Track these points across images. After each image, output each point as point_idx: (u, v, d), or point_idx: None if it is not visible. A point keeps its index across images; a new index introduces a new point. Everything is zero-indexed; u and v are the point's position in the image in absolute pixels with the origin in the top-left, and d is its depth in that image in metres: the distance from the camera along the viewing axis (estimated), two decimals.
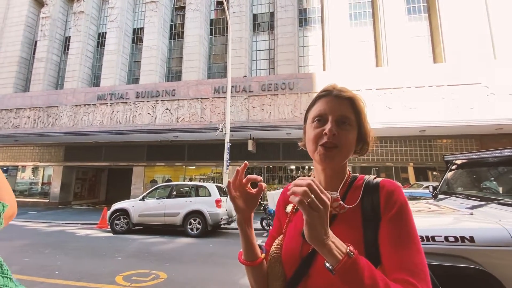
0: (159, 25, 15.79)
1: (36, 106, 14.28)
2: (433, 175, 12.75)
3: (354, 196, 0.70)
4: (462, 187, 3.13)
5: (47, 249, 6.07)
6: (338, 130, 0.67)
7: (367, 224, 0.64)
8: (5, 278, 0.69)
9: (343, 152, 0.68)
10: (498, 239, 1.69)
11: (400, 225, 0.61)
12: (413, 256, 0.57)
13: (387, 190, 0.66)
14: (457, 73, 10.39)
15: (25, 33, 17.82)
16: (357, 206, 0.67)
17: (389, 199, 0.64)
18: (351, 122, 0.69)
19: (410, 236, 0.59)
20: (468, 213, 2.25)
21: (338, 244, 0.53)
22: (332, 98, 0.70)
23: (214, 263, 5.19)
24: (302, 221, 0.73)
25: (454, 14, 12.46)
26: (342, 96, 0.70)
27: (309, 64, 14.75)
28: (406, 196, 0.66)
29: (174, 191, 8.62)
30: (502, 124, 9.90)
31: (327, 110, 0.69)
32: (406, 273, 0.55)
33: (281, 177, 14.25)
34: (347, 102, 0.69)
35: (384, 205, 0.64)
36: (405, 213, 0.62)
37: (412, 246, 0.58)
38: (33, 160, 16.55)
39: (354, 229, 0.65)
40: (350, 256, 0.51)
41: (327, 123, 0.68)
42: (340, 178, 0.73)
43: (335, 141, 0.66)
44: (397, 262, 0.57)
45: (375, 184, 0.69)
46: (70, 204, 16.41)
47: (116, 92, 13.43)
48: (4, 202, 0.88)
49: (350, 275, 0.50)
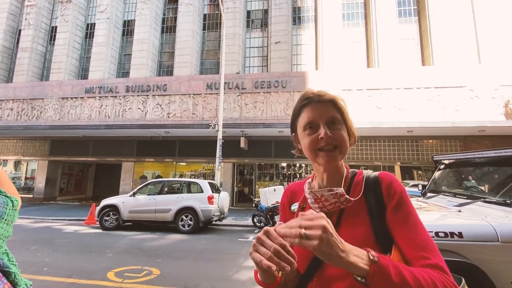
0: (150, 18, 15.46)
1: (20, 98, 13.73)
2: (419, 174, 13.19)
3: (357, 190, 0.76)
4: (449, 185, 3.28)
5: (33, 245, 5.91)
6: (332, 131, 0.71)
7: (373, 213, 0.70)
8: (11, 264, 0.80)
9: (342, 150, 0.73)
10: (485, 235, 1.80)
11: (404, 210, 0.68)
12: (421, 234, 0.65)
13: (386, 181, 0.73)
14: (444, 76, 10.75)
15: (8, 21, 17.03)
16: (361, 199, 0.73)
17: (389, 189, 0.71)
18: (339, 120, 0.74)
19: (414, 217, 0.67)
20: (456, 210, 2.37)
21: (359, 253, 0.55)
22: (316, 104, 0.74)
23: (207, 259, 5.21)
24: None
25: (442, 19, 12.85)
26: (324, 100, 0.74)
27: (302, 63, 14.85)
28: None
29: (166, 187, 8.55)
30: (485, 126, 10.34)
31: (315, 116, 0.73)
32: (418, 248, 0.62)
33: (273, 175, 14.36)
34: (330, 104, 0.74)
35: (387, 195, 0.70)
36: (405, 200, 0.69)
37: (418, 226, 0.66)
38: (16, 154, 15.94)
39: (361, 219, 0.71)
40: (375, 262, 0.53)
41: (319, 128, 0.72)
42: (340, 174, 0.78)
43: (333, 142, 0.71)
44: (410, 240, 0.64)
45: (374, 177, 0.75)
46: (55, 199, 15.94)
47: (105, 85, 13.09)
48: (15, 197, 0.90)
49: (380, 279, 0.53)
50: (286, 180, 14.01)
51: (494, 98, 10.32)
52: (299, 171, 14.27)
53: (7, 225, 0.79)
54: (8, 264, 0.79)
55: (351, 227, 0.71)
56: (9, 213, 0.80)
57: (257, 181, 14.24)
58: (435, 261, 0.59)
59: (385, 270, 0.53)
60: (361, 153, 12.99)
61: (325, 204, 0.74)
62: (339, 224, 0.73)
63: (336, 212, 0.74)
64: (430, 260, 0.59)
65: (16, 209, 0.84)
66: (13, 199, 0.85)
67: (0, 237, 0.77)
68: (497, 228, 1.80)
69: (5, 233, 0.79)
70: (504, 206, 2.16)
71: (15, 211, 0.83)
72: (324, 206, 0.74)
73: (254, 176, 14.41)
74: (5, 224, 0.79)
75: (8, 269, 0.78)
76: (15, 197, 0.88)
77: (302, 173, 14.19)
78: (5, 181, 0.91)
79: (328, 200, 0.73)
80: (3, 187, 0.88)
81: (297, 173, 14.19)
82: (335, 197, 0.72)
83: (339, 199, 0.72)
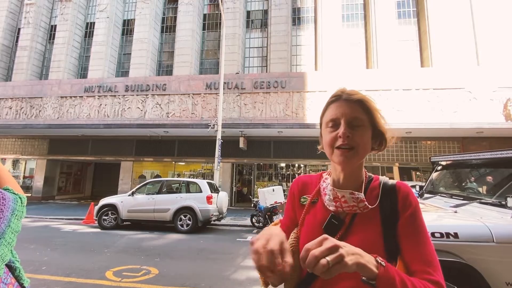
0: (150, 18, 15.45)
1: (19, 96, 13.70)
2: (417, 175, 13.23)
3: (372, 196, 0.75)
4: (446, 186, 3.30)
5: (32, 244, 5.90)
6: (352, 131, 0.71)
7: (387, 222, 0.71)
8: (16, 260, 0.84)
9: (359, 153, 0.72)
10: (480, 235, 1.82)
11: (416, 224, 0.69)
12: (427, 249, 0.67)
13: (403, 192, 0.73)
14: (443, 78, 10.79)
15: (7, 20, 16.99)
16: (376, 206, 0.74)
17: (406, 200, 0.72)
18: (364, 122, 0.72)
19: (424, 233, 0.69)
20: (452, 211, 2.39)
21: (367, 256, 0.56)
22: (342, 102, 0.74)
23: (205, 258, 5.22)
24: (321, 212, 0.79)
25: (441, 21, 12.90)
26: (352, 99, 0.73)
27: (302, 63, 14.88)
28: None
29: (165, 187, 8.56)
30: (483, 127, 10.39)
31: (338, 114, 0.73)
32: (424, 263, 0.65)
33: (271, 175, 14.38)
34: (357, 104, 0.73)
35: (402, 205, 0.71)
36: (419, 213, 0.71)
37: (426, 241, 0.68)
38: (15, 153, 15.90)
39: (374, 226, 0.71)
40: (383, 266, 0.56)
41: (340, 126, 0.72)
42: (357, 177, 0.77)
43: (350, 142, 0.70)
44: (416, 255, 0.66)
45: (391, 186, 0.76)
46: (53, 198, 15.90)
47: (105, 84, 13.08)
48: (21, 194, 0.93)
49: (387, 283, 0.55)
50: (285, 180, 14.04)
51: (492, 99, 10.37)
52: (298, 171, 14.30)
53: (17, 220, 0.82)
54: (14, 260, 0.82)
55: (363, 231, 0.71)
56: (19, 209, 0.83)
57: (256, 181, 14.26)
58: (437, 278, 0.62)
59: (391, 275, 0.56)
60: None
61: (342, 205, 0.74)
62: (351, 226, 0.73)
63: (350, 214, 0.75)
64: (432, 276, 0.62)
65: (24, 205, 0.87)
66: (20, 196, 0.88)
67: (12, 232, 0.79)
68: (492, 229, 1.82)
69: (16, 228, 0.82)
70: (500, 207, 2.18)
71: (23, 207, 0.87)
72: (341, 207, 0.74)
73: (253, 176, 14.42)
74: (16, 219, 0.82)
75: (14, 264, 0.82)
76: (21, 194, 0.90)
77: (301, 173, 14.19)
78: (9, 179, 0.93)
79: (347, 202, 0.73)
80: (8, 185, 0.90)
81: (296, 173, 14.21)
82: (355, 201, 0.73)
83: (358, 204, 0.72)
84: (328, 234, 0.73)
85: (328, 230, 0.74)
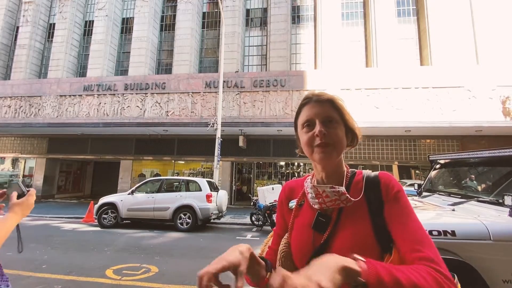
0: (149, 16, 15.39)
1: (18, 95, 13.68)
2: (416, 173, 13.27)
3: (357, 189, 0.77)
4: (444, 185, 3.32)
5: (32, 243, 5.92)
6: (327, 129, 0.74)
7: (374, 212, 0.72)
8: None
9: (337, 148, 0.75)
10: (477, 233, 1.84)
11: (399, 205, 0.70)
12: (414, 227, 0.66)
13: (385, 180, 0.75)
14: (442, 76, 10.80)
15: (5, 18, 16.91)
16: (362, 198, 0.75)
17: (387, 187, 0.73)
18: (336, 119, 0.76)
19: (410, 213, 0.69)
20: (450, 209, 2.41)
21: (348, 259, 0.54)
22: (314, 104, 0.77)
23: (205, 257, 5.24)
24: (309, 213, 0.80)
25: (441, 19, 12.88)
26: (322, 100, 0.77)
27: (301, 62, 14.85)
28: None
29: (164, 186, 8.56)
30: (482, 126, 10.41)
31: (312, 114, 0.76)
32: (412, 242, 0.64)
33: (271, 173, 14.40)
34: (327, 103, 0.77)
35: (385, 193, 0.73)
36: (402, 195, 0.72)
37: (413, 220, 0.68)
38: (14, 152, 15.89)
39: (362, 219, 0.72)
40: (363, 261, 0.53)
41: (315, 126, 0.75)
42: (339, 173, 0.80)
43: (327, 139, 0.73)
44: (405, 235, 0.66)
45: (374, 176, 0.78)
46: (53, 197, 15.92)
47: (104, 83, 13.06)
48: None
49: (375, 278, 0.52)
50: (285, 179, 14.06)
51: (491, 98, 10.39)
52: (297, 170, 14.32)
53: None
54: None
55: (352, 225, 0.72)
56: None
57: (256, 180, 14.28)
58: (426, 253, 0.60)
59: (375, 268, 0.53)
60: (359, 152, 13.05)
61: (325, 200, 0.75)
62: (339, 221, 0.74)
63: (336, 210, 0.76)
64: (421, 253, 0.60)
65: None
66: None
67: None
68: (489, 227, 1.84)
69: None
70: (497, 205, 2.20)
71: None
72: (324, 202, 0.75)
73: (252, 175, 14.44)
74: None
75: None
76: None
77: (301, 172, 14.23)
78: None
79: (329, 196, 0.75)
80: None
81: (295, 172, 14.23)
82: (336, 195, 0.74)
83: (340, 198, 0.74)
84: (318, 232, 0.75)
85: (317, 228, 0.76)
